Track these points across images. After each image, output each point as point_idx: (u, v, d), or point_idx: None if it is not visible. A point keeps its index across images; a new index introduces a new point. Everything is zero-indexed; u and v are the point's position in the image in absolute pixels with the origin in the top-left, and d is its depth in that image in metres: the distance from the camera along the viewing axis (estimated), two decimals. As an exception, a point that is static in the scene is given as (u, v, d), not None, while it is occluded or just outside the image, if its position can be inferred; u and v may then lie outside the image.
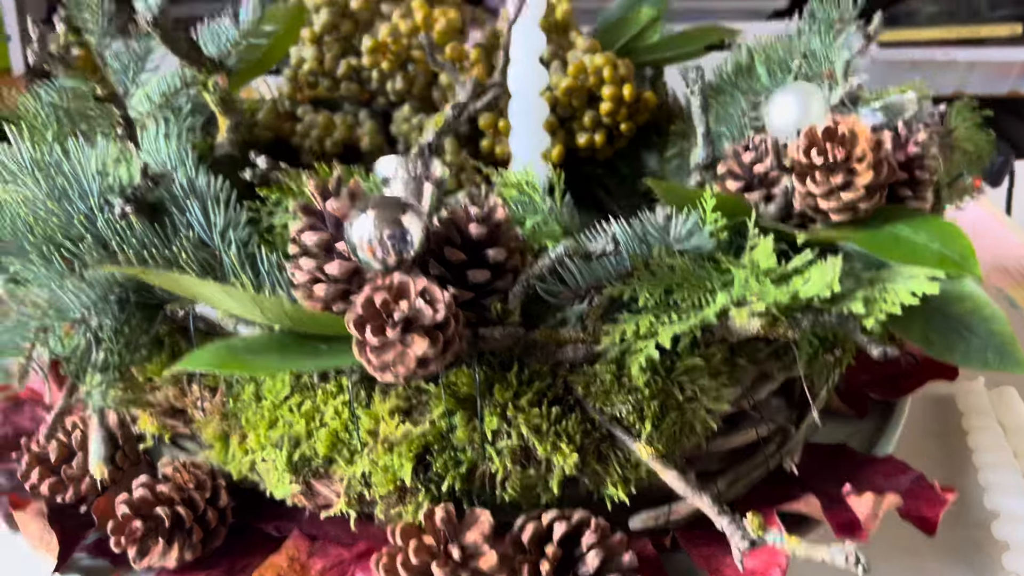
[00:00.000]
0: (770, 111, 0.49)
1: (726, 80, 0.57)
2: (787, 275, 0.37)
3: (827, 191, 0.41)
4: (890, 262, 0.40)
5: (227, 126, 0.46)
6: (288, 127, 0.64)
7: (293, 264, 0.36)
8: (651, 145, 0.65)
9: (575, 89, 0.61)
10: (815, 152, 0.41)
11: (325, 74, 0.64)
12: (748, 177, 0.45)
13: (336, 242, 0.35)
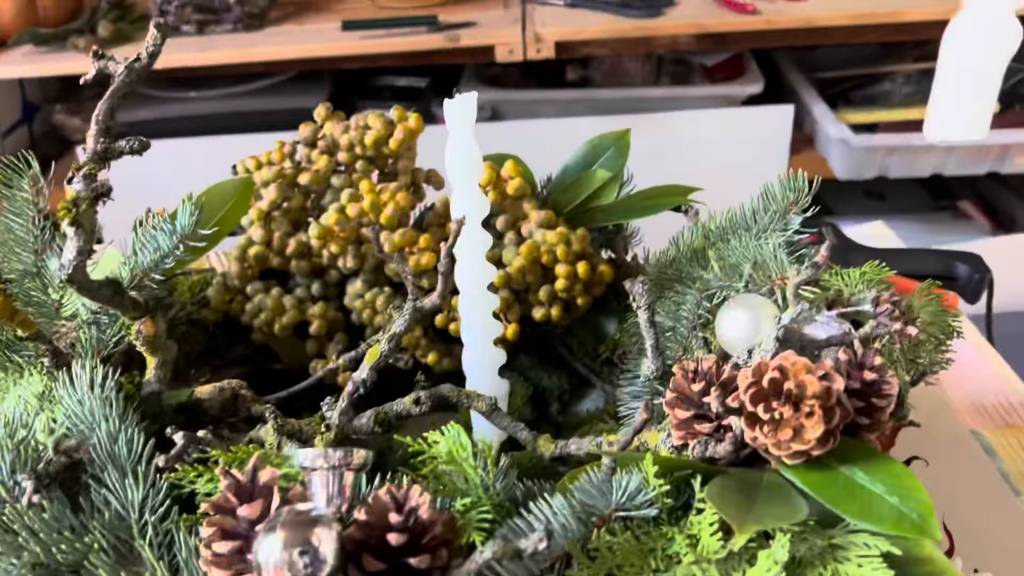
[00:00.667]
0: (721, 323, 0.47)
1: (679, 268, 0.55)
2: (734, 557, 0.35)
3: (776, 442, 0.39)
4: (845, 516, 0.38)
5: (155, 363, 0.44)
6: (237, 306, 0.63)
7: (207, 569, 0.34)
8: (611, 311, 0.64)
9: (528, 268, 0.59)
10: (761, 407, 0.39)
11: (275, 252, 0.62)
12: (698, 406, 0.43)
13: (250, 552, 0.33)
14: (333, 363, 0.58)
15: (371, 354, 0.44)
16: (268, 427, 0.45)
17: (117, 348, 0.53)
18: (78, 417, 0.43)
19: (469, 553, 0.35)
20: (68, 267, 0.40)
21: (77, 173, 0.41)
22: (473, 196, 0.50)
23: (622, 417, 0.58)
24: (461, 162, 0.49)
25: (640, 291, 0.46)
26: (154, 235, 0.54)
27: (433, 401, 0.52)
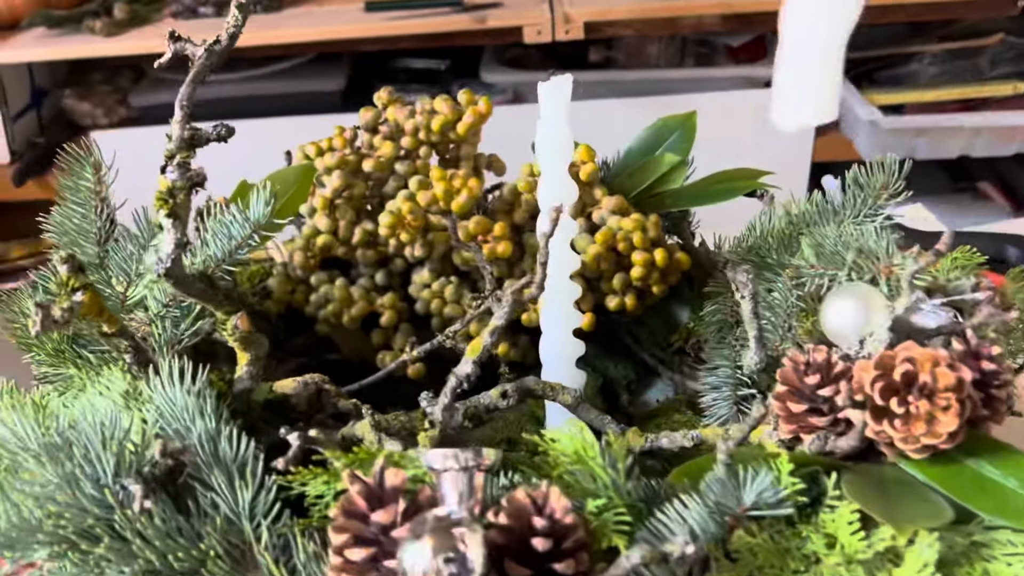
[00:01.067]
0: (827, 313, 0.46)
1: (767, 253, 0.54)
2: (877, 557, 0.34)
3: (905, 436, 0.38)
4: (979, 512, 0.37)
5: (247, 359, 0.43)
6: (300, 297, 0.61)
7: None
8: (683, 298, 0.62)
9: (603, 255, 0.58)
10: (894, 401, 0.37)
11: (340, 241, 0.60)
12: (812, 399, 0.42)
13: (385, 558, 0.32)
14: (407, 355, 0.56)
15: (473, 347, 0.43)
16: (364, 424, 0.44)
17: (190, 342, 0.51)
18: (172, 416, 0.41)
19: (604, 557, 0.34)
20: (166, 260, 0.38)
21: (171, 161, 0.39)
22: (563, 182, 0.49)
23: (703, 409, 0.57)
24: (553, 146, 0.48)
25: (745, 279, 0.44)
26: (226, 224, 0.52)
27: (519, 394, 0.50)
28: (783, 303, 0.51)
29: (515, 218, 0.61)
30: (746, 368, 0.46)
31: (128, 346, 0.44)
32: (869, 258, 0.46)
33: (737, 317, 0.57)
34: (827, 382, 0.42)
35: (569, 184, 0.49)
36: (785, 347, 0.49)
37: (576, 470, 0.36)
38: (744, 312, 0.45)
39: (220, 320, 0.42)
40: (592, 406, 0.61)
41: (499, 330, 0.42)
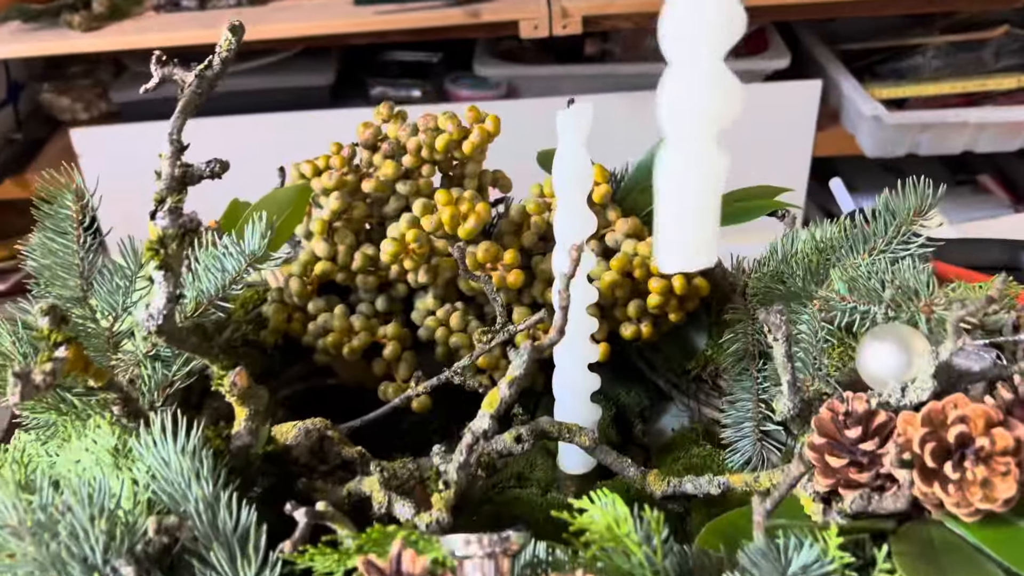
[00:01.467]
0: (864, 356, 0.43)
1: (791, 281, 0.51)
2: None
3: (958, 501, 0.36)
4: (1036, 582, 0.35)
5: (245, 415, 0.40)
6: (298, 326, 0.58)
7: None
8: (700, 324, 0.59)
9: (618, 282, 0.55)
10: (948, 466, 0.35)
11: (339, 268, 0.57)
12: (852, 451, 0.40)
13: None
14: (411, 390, 0.53)
15: (490, 400, 0.40)
16: (373, 480, 0.41)
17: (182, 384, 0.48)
18: (164, 479, 0.38)
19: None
20: (158, 317, 0.35)
21: (161, 207, 0.36)
22: (581, 214, 0.46)
23: (723, 440, 0.54)
24: (570, 177, 0.44)
25: (778, 322, 0.41)
26: (219, 258, 0.48)
27: (535, 437, 0.47)
28: (811, 337, 0.48)
29: (523, 241, 0.58)
30: (778, 415, 0.43)
31: (117, 398, 0.41)
32: (907, 294, 0.44)
33: (760, 347, 0.54)
34: (868, 435, 0.40)
35: (588, 217, 0.46)
36: (816, 387, 0.47)
37: (608, 546, 0.33)
38: (777, 356, 0.42)
39: (216, 375, 0.39)
40: (606, 438, 0.59)
41: (518, 381, 0.39)
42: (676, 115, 0.38)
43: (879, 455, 0.39)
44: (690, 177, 0.37)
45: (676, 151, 0.38)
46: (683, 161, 0.37)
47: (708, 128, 0.38)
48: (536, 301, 0.58)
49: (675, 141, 0.38)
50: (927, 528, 0.38)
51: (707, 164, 0.38)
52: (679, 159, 0.37)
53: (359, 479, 0.42)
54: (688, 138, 0.38)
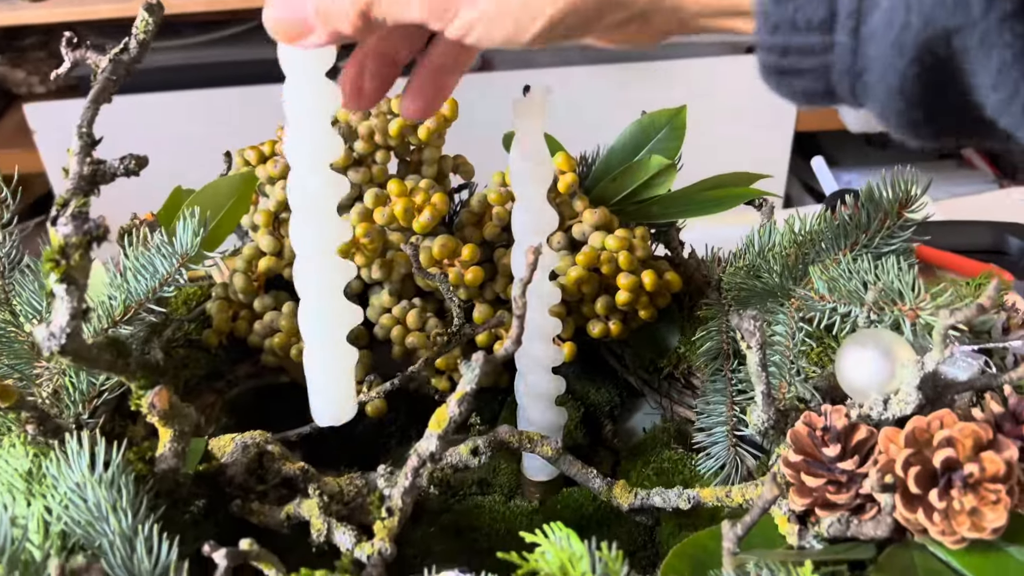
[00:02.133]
0: (844, 364, 0.40)
1: (768, 276, 0.47)
2: None
3: (944, 529, 0.33)
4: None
5: (170, 436, 0.36)
6: (243, 325, 0.54)
7: None
8: (672, 319, 0.56)
9: (586, 278, 0.51)
10: (934, 494, 0.32)
11: (287, 263, 0.53)
12: (831, 471, 0.37)
13: None
14: (364, 395, 0.50)
15: (437, 418, 0.36)
16: (312, 504, 0.37)
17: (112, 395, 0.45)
18: (79, 510, 0.34)
19: None
20: (60, 336, 0.31)
21: (63, 211, 0.32)
22: (540, 210, 0.42)
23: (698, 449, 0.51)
24: (528, 172, 0.41)
25: (752, 329, 0.38)
26: (150, 257, 0.45)
27: (493, 449, 0.44)
28: (788, 339, 0.45)
29: (485, 233, 0.54)
30: (752, 427, 0.40)
31: (30, 417, 0.37)
32: (890, 296, 0.40)
33: (734, 346, 0.51)
34: (848, 452, 0.37)
35: (548, 213, 0.42)
36: (793, 394, 0.44)
37: (561, 587, 0.30)
38: (750, 365, 0.39)
39: (135, 395, 0.35)
40: (570, 440, 0.56)
41: (467, 398, 0.36)
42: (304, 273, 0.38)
43: (859, 474, 0.36)
44: (326, 333, 0.38)
45: (309, 301, 0.37)
46: (317, 314, 0.38)
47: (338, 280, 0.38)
48: (499, 297, 0.54)
49: (307, 295, 0.38)
50: (909, 554, 0.35)
51: (339, 315, 0.38)
52: (314, 313, 0.38)
53: (299, 501, 0.38)
54: (321, 294, 0.37)
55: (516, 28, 0.27)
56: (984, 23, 0.22)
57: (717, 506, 0.43)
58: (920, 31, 0.22)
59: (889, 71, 0.23)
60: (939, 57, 0.23)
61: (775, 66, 0.25)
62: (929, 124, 0.25)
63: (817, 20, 0.24)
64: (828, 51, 0.24)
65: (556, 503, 0.51)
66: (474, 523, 0.49)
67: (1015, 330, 0.43)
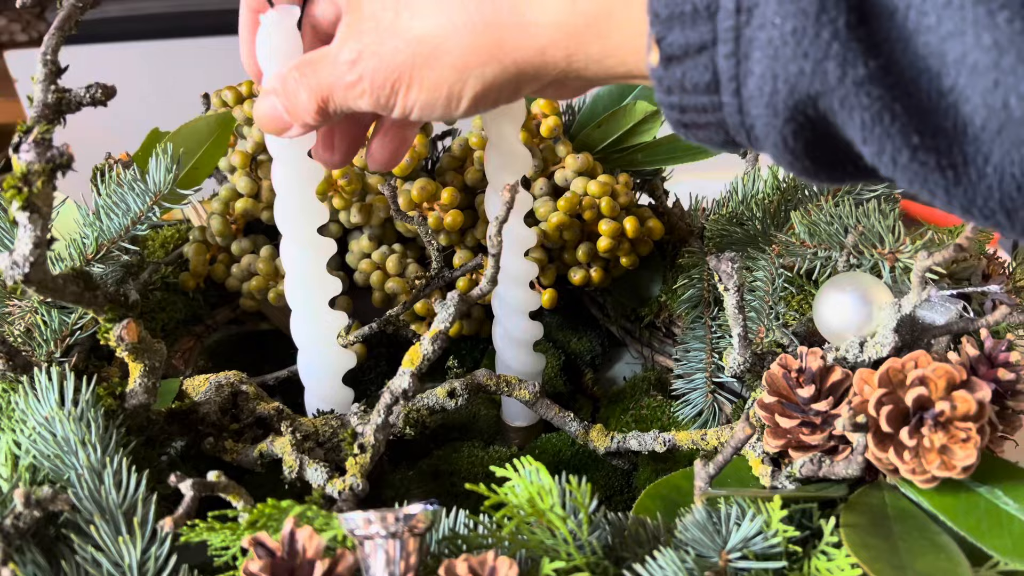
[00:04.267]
0: (822, 307, 0.40)
1: (750, 223, 0.47)
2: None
3: (914, 468, 0.33)
4: (994, 554, 0.32)
5: (140, 371, 0.36)
6: (221, 268, 0.53)
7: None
8: (654, 268, 0.56)
9: (567, 224, 0.51)
10: (904, 432, 0.32)
11: (264, 205, 0.52)
12: (805, 412, 0.37)
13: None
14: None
15: (411, 356, 0.36)
16: (285, 441, 0.37)
17: (84, 334, 0.44)
18: (48, 443, 0.34)
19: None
20: (23, 264, 0.30)
21: (26, 137, 0.31)
22: (513, 150, 0.41)
23: (677, 396, 0.51)
24: (500, 110, 0.40)
25: (729, 271, 0.38)
26: (123, 195, 0.44)
27: (470, 392, 0.44)
28: (768, 284, 0.45)
29: (466, 178, 0.53)
30: (728, 370, 0.40)
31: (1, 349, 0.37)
32: (871, 240, 0.40)
33: (715, 294, 0.51)
34: (822, 394, 0.37)
35: (522, 153, 0.41)
36: (771, 339, 0.43)
37: (531, 520, 0.30)
38: (727, 307, 0.39)
39: (102, 328, 0.35)
40: (550, 387, 0.56)
41: (441, 336, 0.36)
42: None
43: (832, 415, 0.36)
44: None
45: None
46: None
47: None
48: (480, 244, 0.54)
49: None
50: (880, 494, 0.35)
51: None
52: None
53: (271, 439, 0.38)
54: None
55: (447, 109, 0.32)
56: (841, 89, 0.23)
57: (693, 450, 0.43)
58: (788, 96, 0.24)
59: (770, 129, 0.25)
60: (810, 117, 0.24)
61: (678, 120, 0.27)
62: (820, 172, 0.27)
63: (703, 84, 0.26)
64: (719, 109, 0.26)
65: (534, 448, 0.51)
66: (453, 467, 0.49)
67: (995, 277, 0.43)
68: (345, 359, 0.42)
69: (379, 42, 0.31)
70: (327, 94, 0.33)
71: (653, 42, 0.26)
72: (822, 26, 0.23)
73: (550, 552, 0.30)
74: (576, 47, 0.28)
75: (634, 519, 0.34)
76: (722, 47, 0.25)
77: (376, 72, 0.32)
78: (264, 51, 0.36)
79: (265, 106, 0.35)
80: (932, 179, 0.24)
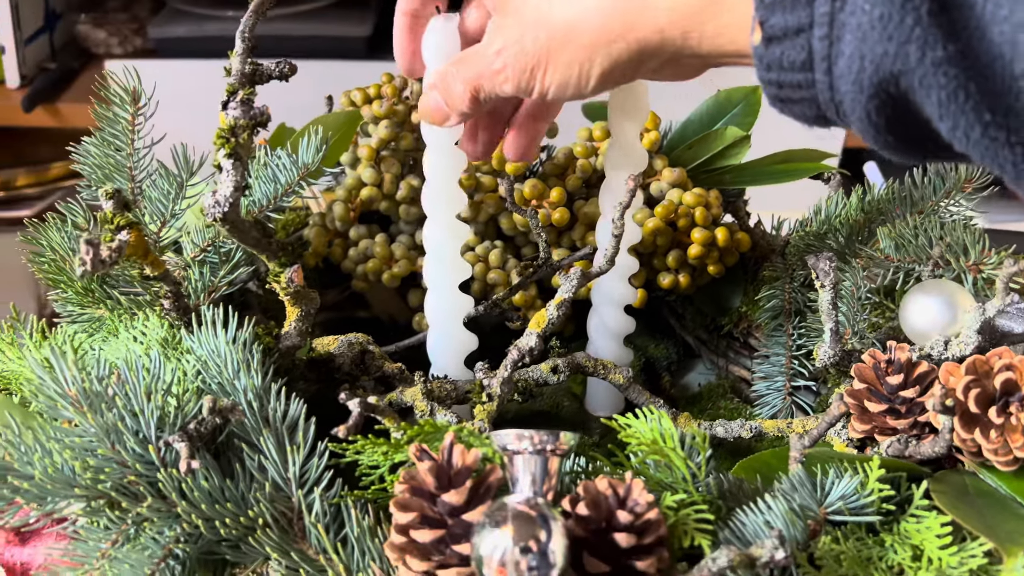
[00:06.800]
0: (909, 310, 0.43)
1: (834, 240, 0.51)
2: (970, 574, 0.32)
3: (997, 448, 0.36)
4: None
5: (297, 314, 0.40)
6: (338, 251, 0.58)
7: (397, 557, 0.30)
8: (736, 281, 0.60)
9: (661, 230, 0.55)
10: (993, 411, 0.35)
11: (384, 196, 0.57)
12: (891, 399, 0.40)
13: (453, 542, 0.30)
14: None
15: (538, 319, 0.40)
16: (415, 390, 0.41)
17: (228, 291, 0.49)
18: (216, 370, 0.38)
19: (683, 556, 0.32)
20: (224, 204, 0.35)
21: (233, 97, 0.36)
22: (635, 149, 0.46)
23: (750, 397, 0.55)
24: (628, 110, 0.45)
25: (827, 268, 0.42)
26: (272, 167, 0.49)
27: (570, 370, 0.48)
28: (853, 295, 0.48)
29: (568, 184, 0.58)
30: (818, 362, 0.44)
31: (168, 291, 0.41)
32: (955, 252, 0.44)
33: (796, 305, 0.54)
34: (909, 383, 0.40)
35: (640, 150, 0.46)
36: (853, 341, 0.47)
37: (651, 460, 0.34)
38: (822, 303, 0.42)
39: (274, 272, 0.39)
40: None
41: (566, 304, 0.40)
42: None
43: (918, 403, 0.40)
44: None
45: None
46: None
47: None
48: (575, 245, 0.58)
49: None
50: (961, 477, 0.38)
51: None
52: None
53: (401, 390, 0.42)
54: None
55: (577, 87, 0.36)
56: (921, 68, 0.27)
57: (776, 439, 0.46)
58: (873, 74, 0.28)
59: (856, 105, 0.29)
60: (893, 95, 0.28)
61: (775, 96, 0.31)
62: (902, 146, 0.31)
63: (799, 62, 0.29)
64: (812, 86, 0.30)
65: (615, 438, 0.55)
66: (540, 447, 0.53)
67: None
68: (469, 340, 0.46)
69: (521, 34, 0.36)
70: (478, 83, 0.39)
71: (757, 24, 0.30)
72: (906, 13, 0.27)
73: (668, 489, 0.33)
74: (692, 26, 0.33)
75: (734, 478, 0.37)
76: (817, 30, 0.29)
77: (517, 58, 0.37)
78: (430, 51, 0.41)
79: (428, 100, 0.41)
80: (1002, 154, 0.27)
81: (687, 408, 0.58)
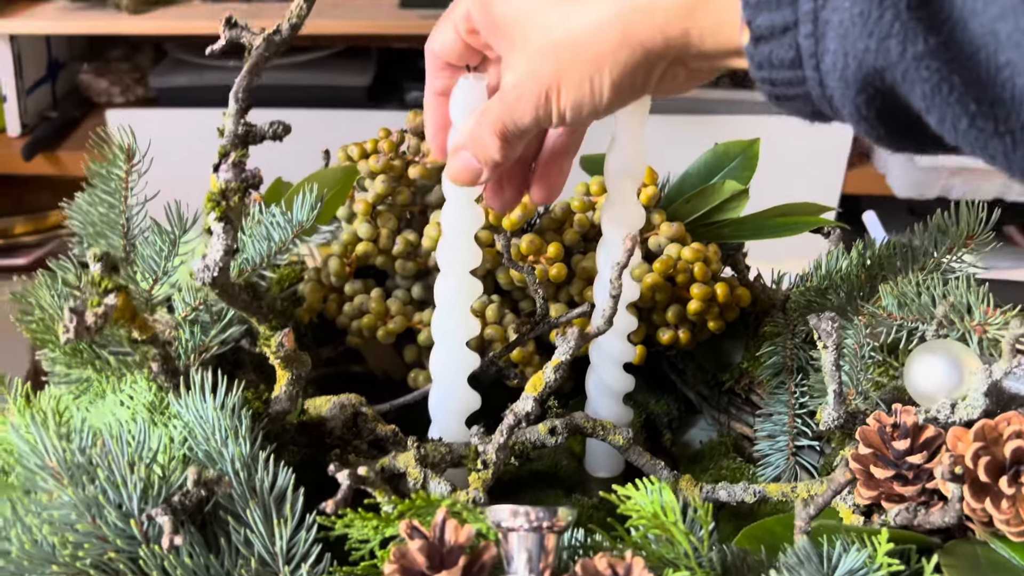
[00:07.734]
0: (914, 371, 0.43)
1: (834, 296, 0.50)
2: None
3: (1009, 519, 0.35)
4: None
5: (287, 379, 0.39)
6: (333, 307, 0.57)
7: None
8: (737, 336, 0.59)
9: (660, 285, 0.54)
10: (1004, 481, 0.34)
11: (380, 251, 0.57)
12: (899, 465, 0.39)
13: (446, 625, 0.28)
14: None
15: (534, 382, 0.39)
16: (408, 456, 0.40)
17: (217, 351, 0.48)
18: (203, 436, 0.37)
19: (684, 635, 0.31)
20: (213, 269, 0.34)
21: (225, 160, 0.35)
22: (631, 207, 0.45)
23: (753, 455, 0.54)
24: (625, 169, 0.44)
25: (829, 329, 0.41)
26: (266, 225, 0.48)
27: (569, 431, 0.47)
28: (856, 353, 0.47)
29: (565, 238, 0.57)
30: (822, 424, 0.43)
31: (157, 354, 0.40)
32: (959, 312, 0.43)
33: (798, 362, 0.53)
34: (916, 448, 0.39)
35: (638, 209, 0.45)
36: (857, 402, 0.46)
37: (652, 534, 0.32)
38: (825, 364, 0.41)
39: (264, 336, 0.38)
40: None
41: (563, 367, 0.39)
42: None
43: (926, 469, 0.39)
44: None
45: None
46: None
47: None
48: (573, 300, 0.57)
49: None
50: (972, 547, 0.37)
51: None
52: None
53: (393, 455, 0.41)
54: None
55: (592, 104, 0.35)
56: (903, 63, 0.27)
57: (780, 503, 0.45)
58: (856, 70, 0.28)
59: (845, 100, 0.29)
60: (880, 88, 0.28)
61: (771, 93, 0.31)
62: (895, 138, 0.30)
63: (788, 60, 0.30)
64: (803, 83, 0.30)
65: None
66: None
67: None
68: (472, 399, 0.46)
69: (531, 63, 0.37)
70: (502, 123, 0.38)
71: (744, 24, 0.30)
72: (885, 8, 0.27)
73: (670, 565, 0.32)
74: (692, 22, 0.33)
75: (738, 550, 0.36)
76: (803, 28, 0.29)
77: (531, 87, 0.37)
78: (457, 109, 0.41)
79: (458, 161, 0.40)
80: (992, 144, 0.27)
81: (689, 467, 0.56)
